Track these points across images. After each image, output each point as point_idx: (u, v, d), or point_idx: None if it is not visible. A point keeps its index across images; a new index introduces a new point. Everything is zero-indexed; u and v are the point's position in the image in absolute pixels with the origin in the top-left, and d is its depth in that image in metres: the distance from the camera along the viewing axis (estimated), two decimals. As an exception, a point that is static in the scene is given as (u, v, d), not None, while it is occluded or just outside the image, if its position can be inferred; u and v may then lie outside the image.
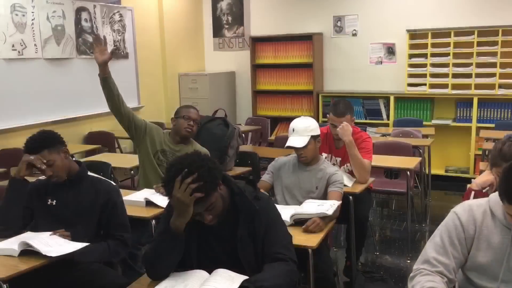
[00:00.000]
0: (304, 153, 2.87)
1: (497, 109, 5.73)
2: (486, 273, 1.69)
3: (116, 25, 5.95)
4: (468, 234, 1.69)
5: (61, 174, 2.36)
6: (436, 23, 5.93)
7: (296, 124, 2.93)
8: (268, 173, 3.01)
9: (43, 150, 2.32)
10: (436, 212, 5.06)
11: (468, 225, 1.70)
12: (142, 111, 6.47)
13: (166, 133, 3.37)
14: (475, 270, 1.71)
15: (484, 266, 1.68)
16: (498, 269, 1.66)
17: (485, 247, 1.68)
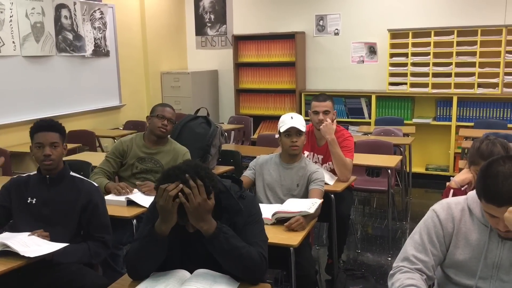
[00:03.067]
0: (298, 142, 2.87)
1: (476, 108, 5.83)
2: (464, 270, 1.71)
3: (97, 23, 5.88)
4: (446, 232, 1.72)
5: (56, 161, 2.37)
6: (416, 23, 6.00)
7: (294, 114, 2.95)
8: (250, 169, 3.01)
9: (57, 132, 2.41)
10: (416, 209, 5.12)
11: (447, 223, 1.72)
12: (124, 110, 6.42)
13: (140, 136, 3.28)
14: (453, 267, 1.74)
15: (462, 263, 1.71)
16: (475, 266, 1.69)
17: (463, 244, 1.71)
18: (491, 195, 1.52)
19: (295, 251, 2.35)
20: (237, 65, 6.98)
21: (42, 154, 2.33)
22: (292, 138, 2.87)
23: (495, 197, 1.51)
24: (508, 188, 1.48)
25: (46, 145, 2.34)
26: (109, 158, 3.20)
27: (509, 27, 5.53)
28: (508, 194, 1.48)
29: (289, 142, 2.87)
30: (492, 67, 5.65)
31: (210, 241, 1.72)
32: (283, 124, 2.90)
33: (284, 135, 2.88)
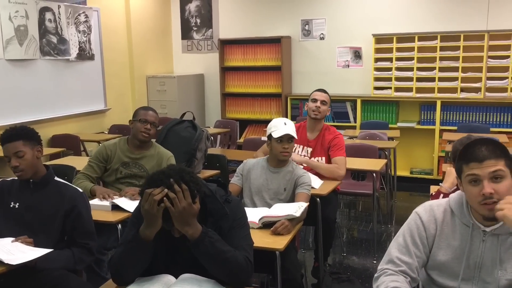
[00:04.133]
0: (289, 148, 2.89)
1: (459, 112, 5.91)
2: (447, 271, 1.73)
3: (82, 26, 5.84)
4: (429, 233, 1.74)
5: (27, 170, 2.32)
6: (400, 28, 6.07)
7: (286, 120, 2.95)
8: (237, 176, 3.01)
9: (19, 140, 2.31)
10: (401, 212, 5.17)
11: (429, 225, 1.74)
12: (109, 114, 6.37)
13: (124, 141, 3.24)
14: (436, 268, 1.76)
15: (445, 264, 1.73)
16: (458, 267, 1.71)
17: (446, 245, 1.73)
18: (471, 153, 1.61)
19: (281, 255, 2.35)
20: (223, 69, 6.98)
21: (11, 166, 2.31)
22: (284, 144, 2.87)
23: (475, 154, 1.60)
24: (486, 146, 1.61)
25: (11, 157, 2.30)
26: (92, 163, 3.17)
27: (491, 32, 5.62)
28: (487, 150, 1.60)
29: (280, 148, 2.87)
30: (474, 72, 5.74)
31: (195, 246, 1.72)
32: (276, 129, 2.89)
33: (276, 140, 2.87)
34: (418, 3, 6.03)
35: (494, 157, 1.60)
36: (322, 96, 3.62)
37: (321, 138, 3.59)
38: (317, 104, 3.57)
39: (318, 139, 3.60)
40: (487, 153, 1.60)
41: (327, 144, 3.56)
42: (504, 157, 1.62)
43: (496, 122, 5.75)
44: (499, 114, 5.74)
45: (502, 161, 1.61)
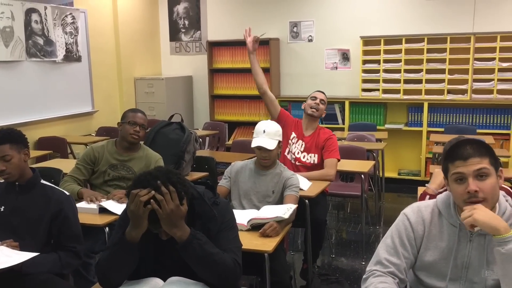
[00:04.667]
0: (268, 156, 2.89)
1: (446, 114, 5.96)
2: (435, 272, 1.74)
3: (69, 28, 5.79)
4: (417, 234, 1.75)
5: (14, 173, 2.30)
6: (388, 30, 6.12)
7: (267, 126, 2.94)
8: (225, 178, 3.00)
9: (6, 143, 2.28)
10: (389, 214, 5.20)
11: (417, 226, 1.75)
12: (96, 116, 6.32)
13: (112, 143, 3.22)
14: (424, 269, 1.77)
15: (433, 264, 1.74)
16: (445, 268, 1.72)
17: (434, 246, 1.74)
18: (456, 152, 1.65)
19: (270, 257, 2.35)
20: (211, 71, 6.97)
21: None
22: (262, 152, 2.89)
23: (460, 152, 1.64)
24: (471, 145, 1.65)
25: None
26: (80, 165, 3.14)
27: (477, 34, 5.69)
28: (472, 148, 1.63)
29: (260, 155, 2.92)
30: (461, 74, 5.80)
31: (183, 248, 1.71)
32: (256, 137, 2.93)
33: (255, 147, 2.90)
34: (405, 6, 6.08)
35: (479, 155, 1.63)
36: (322, 96, 3.75)
37: (316, 137, 3.67)
38: (316, 101, 3.69)
39: (313, 137, 3.67)
40: (472, 152, 1.63)
41: (321, 143, 3.63)
42: (488, 155, 1.64)
43: (482, 124, 5.81)
44: (485, 115, 5.81)
45: (487, 159, 1.63)
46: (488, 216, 1.56)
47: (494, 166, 1.65)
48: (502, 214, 1.65)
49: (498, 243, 1.55)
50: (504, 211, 1.67)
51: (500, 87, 5.65)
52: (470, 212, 1.58)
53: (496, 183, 1.64)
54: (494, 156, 1.66)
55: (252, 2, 6.84)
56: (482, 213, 1.57)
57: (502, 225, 1.56)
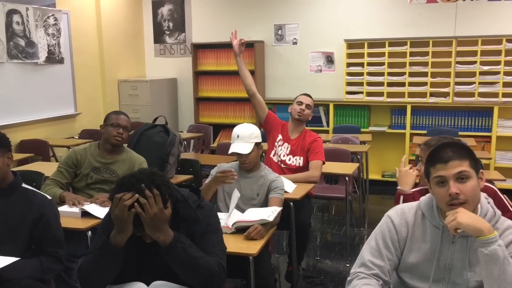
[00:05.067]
0: (247, 160, 2.89)
1: (429, 117, 6.03)
2: (418, 274, 1.76)
3: (51, 29, 5.72)
4: (401, 236, 1.77)
5: None
6: (372, 34, 6.17)
7: (240, 131, 2.93)
8: (211, 176, 2.96)
9: None
10: (373, 216, 5.22)
11: (401, 228, 1.77)
12: (79, 118, 6.25)
13: (95, 146, 3.19)
14: (407, 271, 1.78)
15: (416, 266, 1.76)
16: (429, 269, 1.74)
17: (417, 247, 1.76)
18: (437, 156, 1.68)
19: (255, 259, 2.35)
20: (196, 74, 6.95)
21: None
22: (240, 157, 2.90)
23: (441, 156, 1.67)
24: (451, 148, 1.67)
25: None
26: (62, 168, 3.09)
27: (458, 38, 5.77)
28: (452, 151, 1.66)
29: (239, 160, 2.93)
30: (443, 77, 5.87)
31: (166, 252, 1.69)
32: (232, 142, 2.93)
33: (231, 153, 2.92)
34: (389, 10, 6.14)
35: (459, 158, 1.65)
36: (307, 100, 3.78)
37: (301, 140, 3.71)
38: (302, 107, 3.72)
39: (298, 140, 3.71)
40: (452, 154, 1.65)
41: (307, 146, 3.67)
42: (469, 158, 1.67)
43: (464, 126, 5.89)
44: (467, 118, 5.89)
45: (467, 161, 1.66)
46: (471, 218, 1.59)
47: (475, 169, 1.67)
48: (484, 216, 1.67)
49: (482, 244, 1.57)
50: (486, 213, 1.69)
51: (481, 90, 5.74)
52: (453, 216, 1.60)
53: (476, 185, 1.66)
54: (474, 158, 1.69)
55: (237, 5, 6.84)
56: (465, 216, 1.59)
57: (485, 226, 1.58)
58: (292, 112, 3.77)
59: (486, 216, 1.67)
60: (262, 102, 3.84)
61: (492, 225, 1.63)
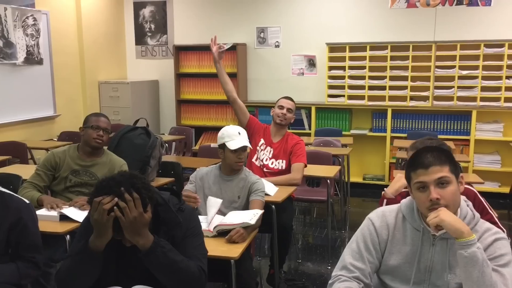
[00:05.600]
0: (243, 158, 2.90)
1: (409, 120, 6.10)
2: (399, 276, 1.77)
3: (30, 29, 5.63)
4: (381, 239, 1.78)
5: None
6: (353, 38, 6.22)
7: (239, 129, 2.94)
8: (191, 183, 2.97)
9: None
10: (354, 218, 5.26)
11: (382, 230, 1.78)
12: (58, 120, 6.16)
13: (74, 148, 3.14)
14: (388, 273, 1.79)
15: (397, 268, 1.77)
16: (409, 271, 1.75)
17: (398, 250, 1.77)
18: (418, 161, 1.70)
19: (236, 263, 2.34)
20: (178, 76, 6.91)
21: None
22: (239, 154, 2.86)
23: (421, 161, 1.68)
24: (432, 153, 1.69)
25: None
26: (40, 171, 3.04)
27: (438, 43, 5.86)
28: (433, 156, 1.68)
29: (235, 158, 2.86)
30: (423, 81, 5.95)
31: (146, 256, 1.67)
32: (230, 140, 2.86)
33: (230, 150, 2.84)
34: (370, 14, 6.20)
35: (439, 163, 1.67)
36: (289, 104, 3.77)
37: (284, 143, 3.71)
38: (283, 111, 3.72)
39: (281, 143, 3.71)
40: (432, 160, 1.67)
41: (289, 149, 3.67)
42: (448, 163, 1.68)
43: (443, 130, 5.98)
44: (446, 121, 5.97)
45: (447, 167, 1.68)
46: (453, 218, 1.61)
47: (455, 173, 1.69)
48: (463, 218, 1.70)
49: (461, 247, 1.58)
50: (465, 215, 1.71)
51: (460, 94, 5.83)
52: (436, 213, 1.62)
53: (456, 190, 1.69)
54: (454, 163, 1.71)
55: (220, 7, 6.83)
56: (447, 213, 1.62)
57: (465, 229, 1.60)
58: (274, 116, 3.77)
59: (465, 219, 1.70)
60: (243, 107, 3.83)
61: (471, 228, 1.66)
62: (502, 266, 1.62)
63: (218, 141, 2.94)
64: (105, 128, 3.09)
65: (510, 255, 1.65)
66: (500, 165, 5.82)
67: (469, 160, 5.52)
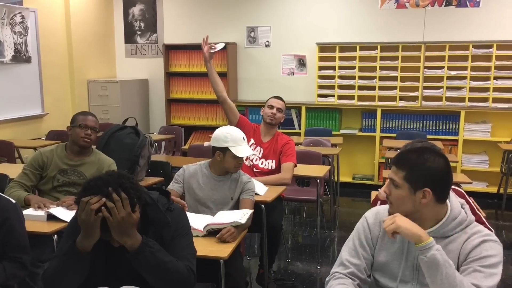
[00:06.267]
0: (242, 162, 2.86)
1: (398, 120, 6.14)
2: (388, 273, 1.80)
3: (18, 27, 5.56)
4: (374, 235, 1.82)
5: None
6: (343, 38, 6.24)
7: (243, 134, 2.86)
8: (177, 182, 2.86)
9: None
10: (344, 218, 5.27)
11: (374, 227, 1.83)
12: (46, 119, 6.10)
13: (62, 147, 3.10)
14: (379, 269, 1.82)
15: (386, 265, 1.80)
16: (397, 269, 1.78)
17: (387, 247, 1.80)
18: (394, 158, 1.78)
19: (226, 262, 2.33)
20: (168, 75, 6.88)
21: None
22: (240, 160, 2.80)
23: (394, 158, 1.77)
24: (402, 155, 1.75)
25: None
26: (27, 170, 3.00)
27: (427, 43, 5.90)
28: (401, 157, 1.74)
29: (236, 163, 2.79)
30: (412, 81, 5.98)
31: (134, 257, 1.66)
32: (236, 145, 2.75)
33: (233, 156, 2.75)
34: (360, 14, 6.22)
35: (399, 167, 1.71)
36: (279, 103, 3.76)
37: (273, 143, 3.71)
38: (273, 111, 3.71)
39: (271, 143, 3.71)
40: (396, 160, 1.74)
41: (279, 148, 3.67)
42: (407, 170, 1.68)
43: (432, 130, 6.02)
44: (434, 122, 6.02)
45: (403, 173, 1.69)
46: (409, 223, 1.64)
47: (410, 183, 1.67)
48: (454, 218, 1.70)
49: (421, 251, 1.60)
50: (457, 216, 1.71)
51: (449, 94, 5.88)
52: (392, 219, 1.65)
53: (403, 197, 1.68)
54: (416, 173, 1.67)
55: (210, 6, 6.81)
56: (403, 219, 1.64)
57: (422, 232, 1.62)
58: (263, 116, 3.76)
59: (456, 219, 1.70)
60: (233, 107, 3.81)
61: (461, 229, 1.68)
62: (486, 267, 1.61)
63: (218, 143, 2.79)
64: (93, 127, 3.06)
65: (498, 257, 1.64)
66: (488, 165, 5.87)
67: (457, 160, 5.56)
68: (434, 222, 1.71)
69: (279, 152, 3.66)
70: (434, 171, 1.67)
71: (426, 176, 1.66)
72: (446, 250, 1.67)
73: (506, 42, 5.67)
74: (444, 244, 1.70)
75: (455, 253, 1.68)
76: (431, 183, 1.66)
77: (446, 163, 1.71)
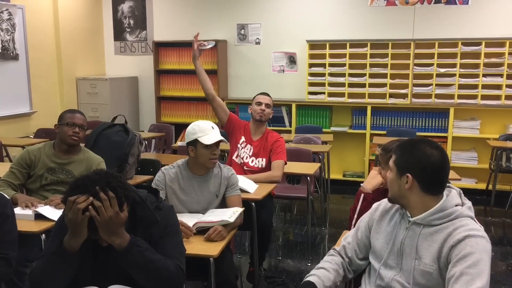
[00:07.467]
0: (218, 153, 2.72)
1: (388, 117, 6.16)
2: (378, 256, 1.84)
3: (5, 24, 5.50)
4: (372, 217, 1.90)
5: None
6: (333, 35, 6.24)
7: (213, 124, 2.75)
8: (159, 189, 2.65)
9: None
10: (334, 215, 5.29)
11: (375, 212, 1.91)
12: (35, 117, 6.05)
13: (50, 145, 3.07)
14: (373, 252, 1.88)
15: (377, 248, 1.85)
16: (384, 252, 1.82)
17: (382, 230, 1.85)
18: None
19: (216, 258, 2.31)
20: (158, 72, 6.84)
21: None
22: (214, 150, 2.68)
23: None
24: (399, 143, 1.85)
25: None
26: (14, 169, 2.97)
27: (416, 41, 5.92)
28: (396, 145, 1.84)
29: (210, 155, 2.65)
30: (401, 79, 6.01)
31: (123, 256, 1.64)
32: (204, 135, 2.66)
33: (204, 146, 2.65)
34: (350, 12, 6.23)
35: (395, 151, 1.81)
36: (266, 99, 3.74)
37: (264, 141, 3.69)
38: (261, 107, 3.70)
39: (261, 141, 3.69)
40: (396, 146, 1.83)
41: (269, 146, 3.66)
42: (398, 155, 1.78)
43: (421, 127, 6.05)
44: (424, 119, 6.05)
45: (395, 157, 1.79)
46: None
47: (397, 166, 1.76)
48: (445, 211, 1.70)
49: None
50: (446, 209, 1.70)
51: (438, 91, 5.91)
52: None
53: (392, 180, 1.79)
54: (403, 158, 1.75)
55: (200, 3, 6.78)
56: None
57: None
58: (252, 114, 3.74)
59: (444, 211, 1.70)
60: (222, 104, 3.79)
61: (449, 220, 1.68)
62: (470, 266, 1.57)
63: (187, 138, 2.72)
64: (81, 125, 3.03)
65: (482, 254, 1.60)
66: (477, 162, 5.92)
67: (446, 157, 5.59)
68: (421, 212, 1.73)
69: (269, 150, 3.65)
70: (419, 159, 1.71)
71: (410, 162, 1.73)
72: (430, 240, 1.69)
73: (495, 40, 5.71)
74: (429, 233, 1.71)
75: (439, 243, 1.67)
76: (414, 170, 1.71)
77: (440, 156, 1.71)
